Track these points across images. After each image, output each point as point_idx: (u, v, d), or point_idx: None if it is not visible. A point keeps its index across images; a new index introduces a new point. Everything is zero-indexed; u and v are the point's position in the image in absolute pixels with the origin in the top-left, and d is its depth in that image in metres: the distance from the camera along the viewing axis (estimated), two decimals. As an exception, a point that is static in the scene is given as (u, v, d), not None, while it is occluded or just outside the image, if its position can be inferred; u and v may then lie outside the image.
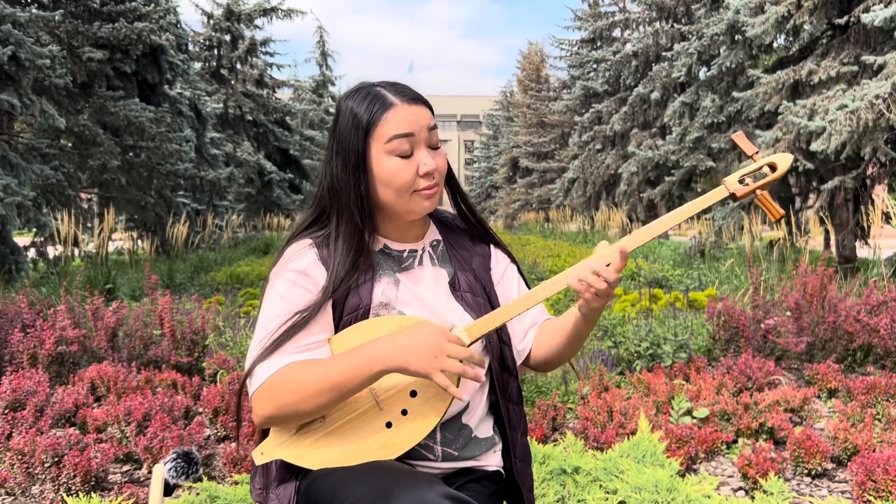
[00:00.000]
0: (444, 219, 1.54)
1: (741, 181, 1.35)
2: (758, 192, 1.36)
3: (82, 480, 2.47)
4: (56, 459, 2.49)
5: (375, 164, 1.31)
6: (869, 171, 9.84)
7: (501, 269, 1.54)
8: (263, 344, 1.28)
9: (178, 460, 1.27)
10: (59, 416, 3.26)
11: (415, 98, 1.33)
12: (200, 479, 2.65)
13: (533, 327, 1.50)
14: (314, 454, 1.27)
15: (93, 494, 2.38)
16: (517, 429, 1.46)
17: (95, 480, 2.53)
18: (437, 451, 1.34)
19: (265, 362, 1.26)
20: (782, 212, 1.37)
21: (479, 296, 1.44)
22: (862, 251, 9.71)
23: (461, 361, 1.20)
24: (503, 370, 1.44)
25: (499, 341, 1.44)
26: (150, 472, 2.77)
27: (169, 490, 1.26)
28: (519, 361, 1.50)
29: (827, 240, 10.67)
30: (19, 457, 2.56)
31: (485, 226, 1.55)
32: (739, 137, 1.36)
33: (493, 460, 1.43)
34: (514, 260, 1.57)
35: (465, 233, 1.54)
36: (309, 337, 1.30)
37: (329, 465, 1.27)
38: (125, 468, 2.85)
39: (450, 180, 1.45)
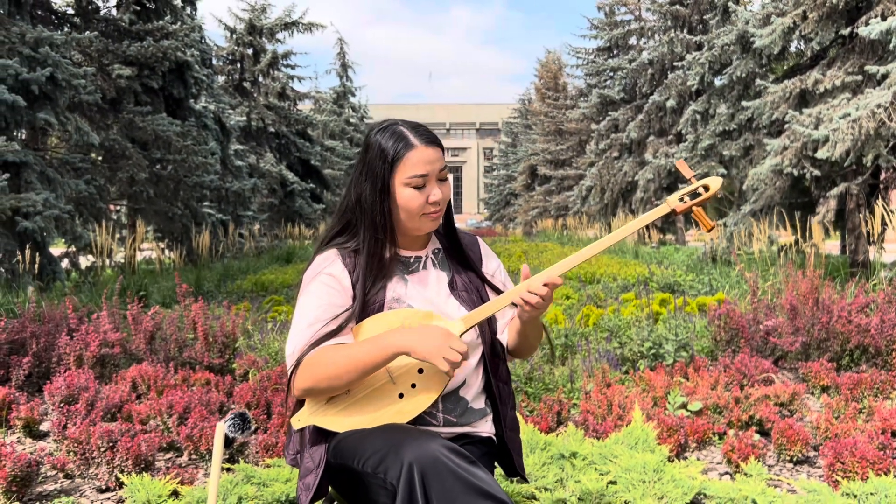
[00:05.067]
0: (443, 233, 1.87)
1: (681, 199, 1.63)
2: (694, 208, 1.64)
3: (134, 463, 2.78)
4: (111, 444, 2.81)
5: (396, 192, 1.66)
6: (882, 177, 9.99)
7: (492, 268, 1.88)
8: (301, 332, 1.61)
9: (236, 419, 1.59)
10: (106, 410, 3.58)
11: (431, 140, 1.67)
12: (255, 433, 3.04)
13: (508, 324, 1.82)
14: (340, 420, 1.58)
15: (144, 474, 2.69)
16: (507, 403, 1.79)
17: (145, 464, 2.84)
18: (440, 417, 1.66)
19: (303, 346, 1.58)
20: (712, 224, 1.64)
21: (473, 293, 1.77)
22: (875, 255, 9.86)
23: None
24: (493, 356, 1.78)
25: (490, 332, 1.78)
26: (190, 460, 3.09)
27: (229, 443, 1.55)
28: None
29: (844, 245, 10.81)
30: (76, 444, 2.88)
31: (470, 239, 1.89)
32: (680, 164, 1.64)
33: (485, 427, 1.74)
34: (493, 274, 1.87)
35: (460, 243, 1.86)
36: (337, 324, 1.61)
37: (352, 428, 1.58)
38: (168, 455, 3.17)
39: (448, 208, 1.79)
